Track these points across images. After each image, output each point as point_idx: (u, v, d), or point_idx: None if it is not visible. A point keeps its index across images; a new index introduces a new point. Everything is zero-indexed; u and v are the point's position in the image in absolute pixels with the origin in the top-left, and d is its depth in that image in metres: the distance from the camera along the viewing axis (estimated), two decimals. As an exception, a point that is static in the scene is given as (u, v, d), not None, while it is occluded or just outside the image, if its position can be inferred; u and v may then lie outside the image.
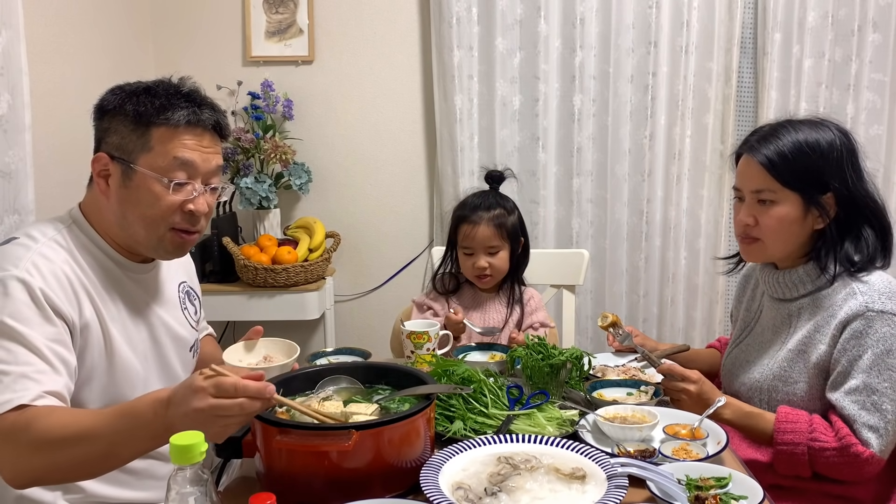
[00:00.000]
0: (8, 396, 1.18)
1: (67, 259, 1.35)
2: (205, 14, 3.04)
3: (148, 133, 1.35)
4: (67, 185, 2.28)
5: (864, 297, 1.48)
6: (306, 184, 2.97)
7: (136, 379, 1.42)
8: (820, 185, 1.52)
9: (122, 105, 1.36)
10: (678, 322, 3.17)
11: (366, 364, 1.67)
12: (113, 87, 1.41)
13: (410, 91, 3.09)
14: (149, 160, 1.35)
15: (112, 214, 1.39)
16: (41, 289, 1.26)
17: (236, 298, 2.77)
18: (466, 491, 1.17)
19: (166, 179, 1.35)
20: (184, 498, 0.93)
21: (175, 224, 1.38)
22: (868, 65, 3.00)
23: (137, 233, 1.39)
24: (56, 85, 2.29)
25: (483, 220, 2.00)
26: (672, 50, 2.99)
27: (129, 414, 1.17)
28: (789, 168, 1.51)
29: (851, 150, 1.55)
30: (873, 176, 1.60)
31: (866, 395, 1.45)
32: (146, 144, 1.35)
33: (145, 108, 1.34)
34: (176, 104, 1.36)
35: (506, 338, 2.03)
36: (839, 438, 1.44)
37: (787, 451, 1.47)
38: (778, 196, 1.54)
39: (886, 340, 1.45)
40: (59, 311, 1.28)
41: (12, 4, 1.83)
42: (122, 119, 1.36)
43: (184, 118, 1.36)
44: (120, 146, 1.36)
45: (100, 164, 1.37)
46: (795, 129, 1.55)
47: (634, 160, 3.05)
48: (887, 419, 1.44)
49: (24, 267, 1.27)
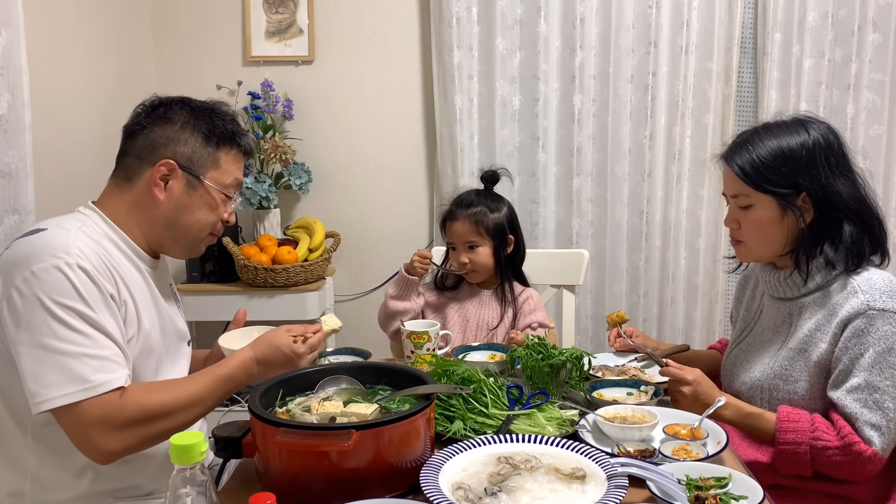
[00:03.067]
0: (106, 377, 1.28)
1: (96, 247, 1.39)
2: (205, 14, 3.04)
3: (218, 152, 1.50)
4: (67, 185, 2.28)
5: (866, 296, 1.49)
6: (306, 184, 2.97)
7: (153, 359, 1.47)
8: (792, 186, 1.54)
9: (195, 121, 1.49)
10: (678, 322, 3.16)
11: (366, 364, 1.67)
12: (173, 98, 1.52)
13: (410, 91, 3.09)
14: (215, 175, 1.50)
15: (160, 215, 1.47)
16: (93, 271, 1.32)
17: (236, 298, 2.77)
18: (466, 491, 1.17)
19: (225, 195, 1.52)
20: (183, 498, 0.93)
21: (215, 230, 1.55)
22: (868, 65, 3.00)
23: (186, 234, 1.51)
24: (56, 85, 2.29)
25: (461, 216, 2.08)
26: (672, 50, 2.99)
27: (228, 378, 1.40)
28: (759, 173, 1.55)
29: (829, 147, 1.55)
30: (872, 174, 1.60)
31: (868, 393, 1.45)
32: (216, 162, 1.50)
33: (220, 129, 1.50)
34: (240, 131, 1.54)
35: (502, 336, 2.04)
36: (841, 437, 1.45)
37: (789, 450, 1.47)
38: (752, 200, 1.58)
39: (888, 339, 1.46)
40: (107, 291, 1.34)
41: (12, 4, 1.83)
42: (192, 133, 1.48)
43: (247, 146, 1.56)
44: (190, 158, 1.47)
45: (165, 168, 1.45)
46: (769, 134, 1.58)
47: (634, 160, 3.05)
48: (889, 417, 1.44)
49: (74, 252, 1.31)
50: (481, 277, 2.11)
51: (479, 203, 2.09)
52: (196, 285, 2.79)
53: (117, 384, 1.29)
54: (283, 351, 1.45)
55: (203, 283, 2.80)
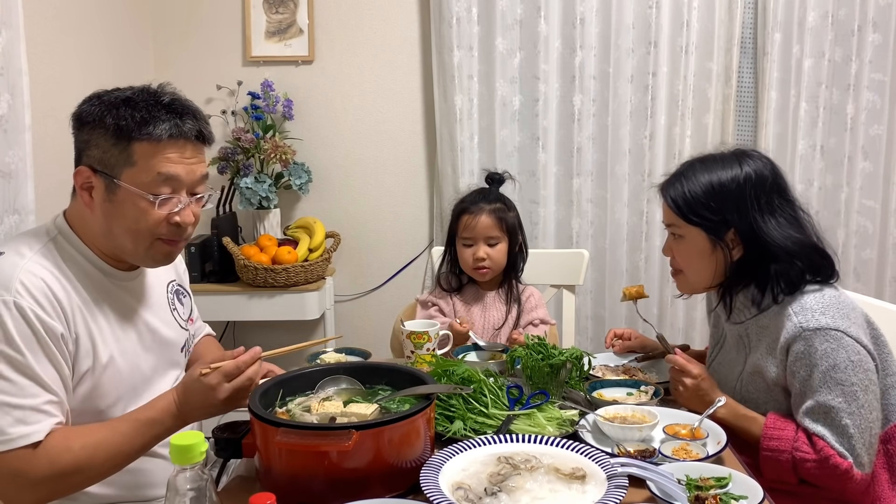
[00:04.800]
0: (24, 430, 1.21)
1: (55, 273, 1.32)
2: (205, 14, 3.04)
3: (130, 148, 1.31)
4: (67, 185, 2.26)
5: (798, 318, 1.48)
6: (306, 184, 2.97)
7: (122, 386, 1.41)
8: (722, 221, 1.55)
9: (101, 117, 1.32)
10: (678, 322, 3.17)
11: (366, 364, 1.67)
12: (90, 95, 1.37)
13: (410, 91, 3.09)
14: (132, 175, 1.32)
15: (97, 226, 1.37)
16: (32, 310, 1.24)
17: (236, 298, 2.77)
18: (466, 491, 1.17)
19: (151, 196, 1.32)
20: (183, 498, 0.93)
21: (162, 235, 1.37)
22: (868, 65, 3.00)
23: (124, 245, 1.37)
24: (56, 85, 2.29)
25: (484, 210, 2.06)
26: (672, 50, 2.99)
27: (150, 424, 1.29)
28: (689, 206, 1.57)
29: (761, 183, 1.55)
30: (872, 176, 1.60)
31: (823, 414, 1.45)
32: (129, 159, 1.31)
33: (126, 121, 1.30)
34: (157, 117, 1.32)
35: (506, 335, 2.04)
36: (817, 451, 1.45)
37: (772, 457, 1.48)
38: (683, 231, 1.60)
39: (829, 356, 1.44)
40: (50, 330, 1.26)
41: (12, 4, 1.83)
42: (102, 132, 1.32)
43: (166, 132, 1.32)
44: (102, 160, 1.32)
45: (82, 177, 1.34)
46: (704, 167, 1.60)
47: (634, 160, 3.05)
48: (850, 433, 1.44)
49: (14, 288, 1.24)
50: (492, 276, 2.10)
51: (497, 200, 2.10)
52: (196, 285, 2.78)
53: (35, 438, 1.21)
54: (195, 386, 1.29)
55: (203, 283, 2.80)
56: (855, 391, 1.44)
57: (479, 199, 2.09)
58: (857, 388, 1.44)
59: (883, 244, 3.12)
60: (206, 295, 2.74)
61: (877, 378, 1.49)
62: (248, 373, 1.31)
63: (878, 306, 1.82)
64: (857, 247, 3.13)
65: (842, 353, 1.44)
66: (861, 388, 1.44)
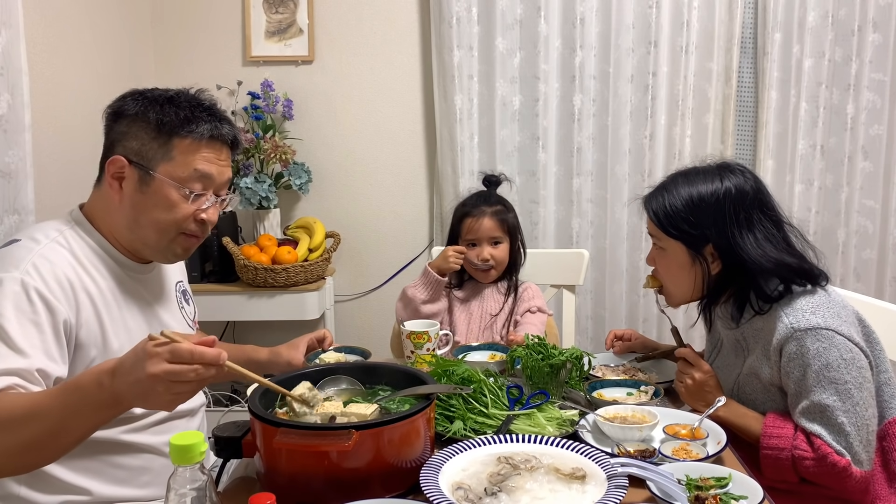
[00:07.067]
0: None
1: (70, 260, 1.35)
2: (205, 14, 3.04)
3: (170, 143, 1.38)
4: (67, 185, 2.28)
5: (789, 319, 1.49)
6: (306, 184, 2.97)
7: None
8: (700, 236, 1.56)
9: (144, 112, 1.39)
10: (678, 322, 3.15)
11: (366, 364, 1.67)
12: (132, 91, 1.44)
13: (410, 91, 3.09)
14: (168, 169, 1.38)
15: (122, 216, 1.41)
16: (36, 288, 1.27)
17: (236, 298, 2.77)
18: (466, 491, 1.17)
19: (186, 190, 1.39)
20: (183, 498, 0.93)
21: (186, 230, 1.43)
22: (868, 65, 3.00)
23: (148, 236, 1.42)
24: (56, 85, 2.29)
25: (486, 213, 2.13)
26: (672, 50, 2.99)
27: (74, 387, 1.14)
28: (669, 219, 1.59)
29: (741, 198, 1.55)
30: (873, 176, 1.60)
31: (818, 413, 1.45)
32: (167, 154, 1.38)
33: (170, 118, 1.38)
34: (199, 117, 1.40)
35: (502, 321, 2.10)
36: (815, 449, 1.45)
37: (772, 455, 1.48)
38: (665, 244, 1.62)
39: (821, 355, 1.45)
40: (50, 306, 1.27)
41: (12, 4, 1.83)
42: (143, 125, 1.39)
43: (207, 132, 1.40)
44: (139, 152, 1.38)
45: (115, 166, 1.39)
46: (685, 181, 1.60)
47: (634, 160, 3.05)
48: (846, 431, 1.44)
49: (25, 269, 1.28)
50: (496, 274, 2.16)
51: (498, 202, 2.18)
52: (196, 285, 2.79)
53: None
54: (136, 349, 1.10)
55: (203, 282, 2.80)
56: (849, 389, 1.44)
57: (481, 202, 2.16)
58: (850, 386, 1.44)
59: (883, 244, 3.12)
60: (205, 295, 2.74)
61: (871, 375, 1.49)
62: (197, 367, 1.07)
63: (878, 306, 1.82)
64: (857, 247, 3.13)
65: (834, 351, 1.44)
66: (855, 386, 1.44)
